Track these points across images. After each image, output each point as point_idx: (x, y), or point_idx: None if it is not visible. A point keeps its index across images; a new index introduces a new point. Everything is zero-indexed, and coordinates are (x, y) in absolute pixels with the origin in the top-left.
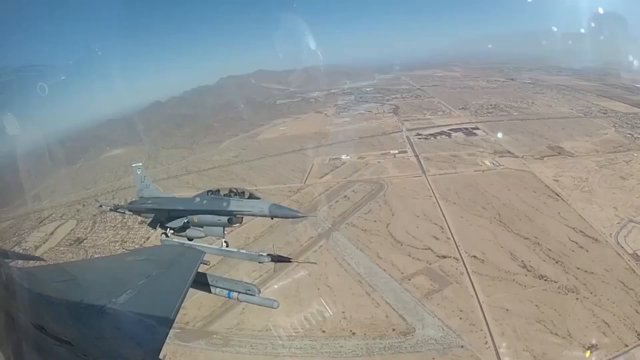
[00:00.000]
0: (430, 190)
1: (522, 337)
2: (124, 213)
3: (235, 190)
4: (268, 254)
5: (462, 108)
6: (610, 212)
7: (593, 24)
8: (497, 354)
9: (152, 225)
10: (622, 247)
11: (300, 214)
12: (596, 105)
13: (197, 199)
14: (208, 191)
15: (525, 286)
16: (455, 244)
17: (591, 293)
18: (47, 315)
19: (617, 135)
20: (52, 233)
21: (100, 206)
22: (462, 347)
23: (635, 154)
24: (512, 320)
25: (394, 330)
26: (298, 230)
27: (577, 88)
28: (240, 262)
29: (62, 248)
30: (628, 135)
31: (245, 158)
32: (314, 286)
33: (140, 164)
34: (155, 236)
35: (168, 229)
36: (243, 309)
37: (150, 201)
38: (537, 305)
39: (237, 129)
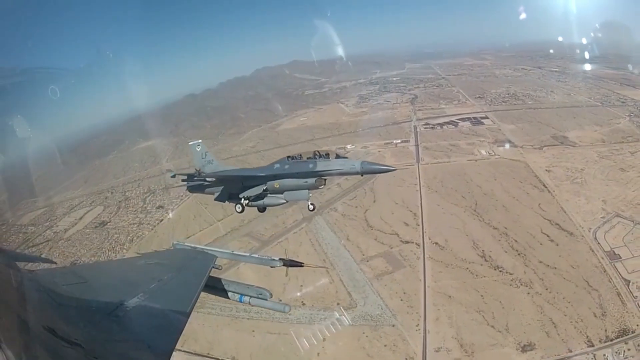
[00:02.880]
0: (417, 179)
1: (455, 324)
2: (196, 181)
3: (319, 153)
4: (280, 259)
5: (479, 97)
6: (597, 205)
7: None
8: (424, 337)
9: (221, 198)
10: (599, 243)
11: (391, 168)
12: (617, 93)
13: (277, 165)
14: (288, 157)
15: (476, 275)
16: (422, 230)
17: (546, 289)
18: (57, 317)
19: (630, 125)
20: (81, 218)
21: (173, 176)
22: (393, 326)
23: None
24: (451, 307)
25: (338, 304)
26: (287, 213)
27: (602, 76)
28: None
29: (87, 230)
30: None
31: (261, 148)
32: None
33: (199, 141)
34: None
35: (242, 199)
36: None
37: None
38: (482, 295)
39: (261, 120)
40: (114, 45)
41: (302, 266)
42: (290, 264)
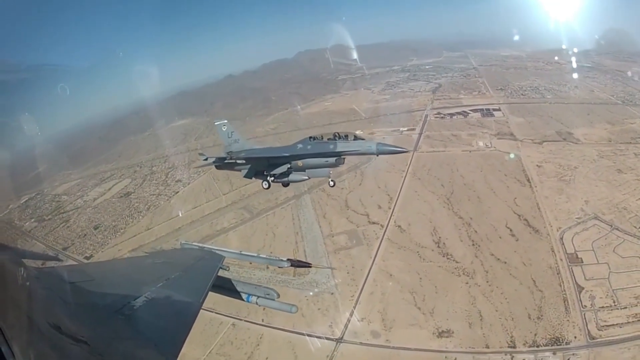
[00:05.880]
0: (407, 166)
1: (385, 300)
2: (223, 163)
3: (339, 134)
4: (288, 259)
5: (500, 89)
6: (577, 204)
7: None
8: (354, 306)
9: (249, 175)
10: (564, 243)
11: (404, 150)
12: None
13: (300, 145)
14: (310, 137)
15: (424, 259)
16: (391, 213)
17: (487, 282)
18: (63, 315)
19: None
20: (109, 189)
21: (206, 159)
22: (332, 294)
23: None
24: (388, 284)
25: (294, 270)
26: (281, 191)
27: (634, 75)
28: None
29: (114, 199)
30: None
31: (279, 130)
32: (264, 232)
33: (225, 121)
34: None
35: (268, 176)
36: None
37: (243, 153)
38: (420, 278)
39: (289, 103)
40: (163, 28)
41: (310, 267)
42: (297, 264)
